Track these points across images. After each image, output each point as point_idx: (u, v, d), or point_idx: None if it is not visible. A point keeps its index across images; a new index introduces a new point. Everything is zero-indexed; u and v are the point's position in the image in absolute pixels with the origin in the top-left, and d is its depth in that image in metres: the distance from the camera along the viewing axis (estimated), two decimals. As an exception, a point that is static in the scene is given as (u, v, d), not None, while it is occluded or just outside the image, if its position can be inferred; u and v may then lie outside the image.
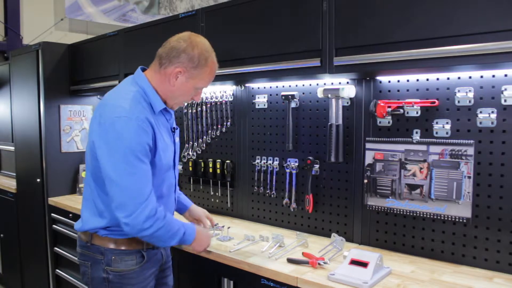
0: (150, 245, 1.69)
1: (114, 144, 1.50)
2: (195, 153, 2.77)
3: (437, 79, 1.78)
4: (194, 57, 1.61)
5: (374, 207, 1.96)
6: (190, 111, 2.76)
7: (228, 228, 2.22)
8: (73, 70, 3.30)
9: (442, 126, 1.77)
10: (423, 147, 1.81)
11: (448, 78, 1.76)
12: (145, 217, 1.50)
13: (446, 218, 1.76)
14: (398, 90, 1.89)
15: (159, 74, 1.65)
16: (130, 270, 1.65)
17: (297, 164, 2.24)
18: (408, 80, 1.86)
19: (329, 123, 2.03)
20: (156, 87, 1.65)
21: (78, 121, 3.37)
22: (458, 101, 1.73)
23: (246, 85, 2.47)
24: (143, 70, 1.71)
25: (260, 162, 2.41)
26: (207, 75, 1.66)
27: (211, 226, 2.11)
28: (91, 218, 1.66)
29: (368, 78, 1.96)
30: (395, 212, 1.90)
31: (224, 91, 2.58)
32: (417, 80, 1.83)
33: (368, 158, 1.96)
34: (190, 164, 2.76)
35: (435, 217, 1.79)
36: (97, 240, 1.65)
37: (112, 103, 1.58)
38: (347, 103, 2.04)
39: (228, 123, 2.59)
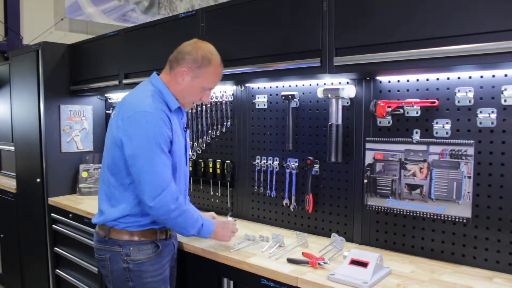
0: (162, 235, 1.84)
1: (138, 134, 1.67)
2: (195, 153, 2.77)
3: (437, 79, 1.78)
4: (198, 58, 1.79)
5: (374, 207, 1.96)
6: (190, 111, 2.76)
7: (232, 211, 2.19)
8: (73, 70, 3.30)
9: (442, 126, 1.77)
10: (423, 147, 1.81)
11: (448, 78, 1.76)
12: (169, 199, 1.67)
13: (446, 218, 1.76)
14: (398, 90, 1.89)
15: (169, 76, 1.84)
16: (148, 258, 1.79)
17: (297, 164, 2.24)
18: (408, 80, 1.86)
19: (329, 123, 2.03)
20: (170, 88, 1.83)
21: (78, 121, 3.36)
22: (458, 101, 1.73)
23: (246, 85, 2.47)
24: (158, 74, 1.89)
25: (260, 162, 2.41)
26: (211, 75, 1.83)
27: None
28: (109, 210, 1.80)
29: (368, 78, 1.96)
30: (395, 212, 1.90)
31: (224, 91, 2.58)
32: (417, 80, 1.83)
33: (368, 158, 1.96)
34: (190, 164, 2.76)
35: (435, 217, 1.79)
36: (114, 234, 1.79)
37: (132, 101, 1.76)
38: (347, 103, 2.04)
39: (228, 123, 2.59)
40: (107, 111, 3.50)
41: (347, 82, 2.04)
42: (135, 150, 1.68)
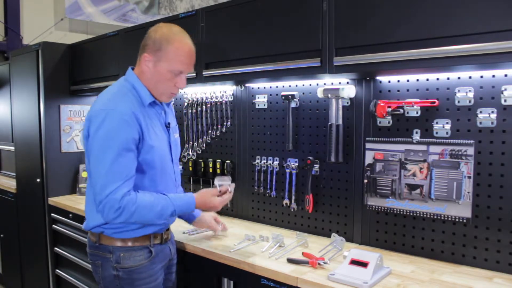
0: (157, 240, 1.76)
1: (95, 135, 1.57)
2: (195, 153, 2.77)
3: (437, 79, 1.78)
4: (156, 40, 1.66)
5: (374, 207, 1.96)
6: (190, 111, 2.76)
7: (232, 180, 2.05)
8: (73, 70, 3.30)
9: (442, 126, 1.77)
10: (423, 147, 1.81)
11: (448, 78, 1.76)
12: (110, 206, 1.54)
13: (446, 218, 1.76)
14: (398, 90, 1.89)
15: (139, 67, 1.74)
16: (139, 265, 1.70)
17: (297, 164, 2.24)
18: (408, 80, 1.86)
19: (329, 123, 2.03)
20: (143, 81, 1.72)
21: (78, 121, 3.37)
22: (458, 101, 1.73)
23: (246, 85, 2.47)
24: (133, 69, 1.79)
25: (260, 162, 2.41)
26: (175, 55, 1.65)
27: (224, 229, 2.17)
28: (93, 216, 1.70)
29: (368, 78, 1.96)
30: (395, 212, 1.90)
31: (224, 91, 2.58)
32: (417, 80, 1.83)
33: (368, 158, 1.96)
34: (190, 164, 2.76)
35: (435, 217, 1.79)
36: (104, 239, 1.71)
37: (100, 98, 1.67)
38: (347, 103, 2.04)
39: (228, 123, 2.59)
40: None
41: (347, 82, 2.04)
42: (90, 149, 1.59)
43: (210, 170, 2.65)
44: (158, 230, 1.76)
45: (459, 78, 1.73)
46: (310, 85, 2.19)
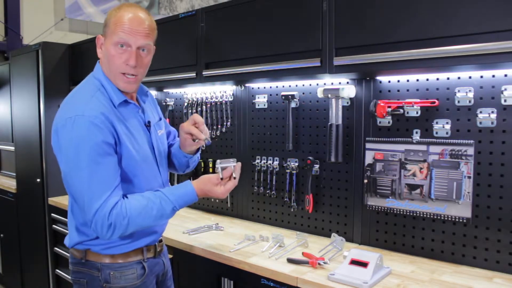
0: (150, 253, 1.58)
1: (66, 147, 1.38)
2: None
3: (437, 79, 1.78)
4: (105, 19, 1.49)
5: (374, 207, 1.96)
6: (190, 111, 2.76)
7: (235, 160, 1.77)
8: (73, 70, 3.31)
9: (442, 126, 1.77)
10: (423, 147, 1.81)
11: (448, 78, 1.76)
12: (101, 224, 1.36)
13: (446, 218, 1.76)
14: (398, 90, 1.89)
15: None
16: (132, 285, 1.51)
17: (297, 164, 2.24)
18: (408, 80, 1.86)
19: (329, 123, 2.03)
20: (106, 74, 1.52)
21: (78, 121, 3.36)
22: (458, 101, 1.73)
23: (246, 85, 2.47)
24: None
25: (260, 162, 2.41)
26: (115, 26, 1.44)
27: (204, 134, 1.67)
28: (74, 231, 1.53)
29: (368, 78, 1.96)
30: (395, 212, 1.90)
31: (224, 91, 2.58)
32: (417, 80, 1.83)
33: (368, 158, 1.96)
34: (190, 164, 2.76)
35: (435, 217, 1.79)
36: (91, 256, 1.50)
37: (66, 104, 1.47)
38: (347, 103, 2.04)
39: (228, 123, 2.59)
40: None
41: (347, 82, 2.04)
42: (64, 165, 1.41)
43: (210, 170, 2.65)
44: (150, 242, 1.59)
45: (459, 78, 1.73)
46: (310, 85, 2.19)
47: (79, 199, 1.39)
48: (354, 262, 1.59)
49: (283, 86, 2.32)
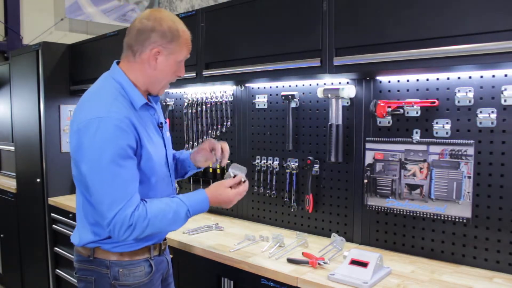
0: (156, 251, 1.61)
1: (88, 148, 1.38)
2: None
3: (437, 79, 1.78)
4: (166, 32, 1.49)
5: (374, 207, 1.96)
6: (190, 111, 2.76)
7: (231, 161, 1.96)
8: (73, 70, 3.31)
9: (442, 126, 1.77)
10: (423, 147, 1.81)
11: (448, 78, 1.76)
12: (121, 225, 1.38)
13: (446, 218, 1.76)
14: (398, 90, 1.89)
15: (135, 64, 1.53)
16: (140, 282, 1.53)
17: (297, 164, 2.24)
18: (408, 80, 1.86)
19: (329, 123, 2.03)
20: (135, 79, 1.53)
21: (78, 121, 3.36)
22: (458, 101, 1.73)
23: (246, 85, 2.47)
24: (118, 63, 1.59)
25: (260, 162, 2.41)
26: (184, 45, 1.54)
27: (223, 153, 1.79)
28: (87, 231, 1.53)
29: (368, 78, 1.96)
30: (395, 212, 1.90)
31: (224, 91, 2.58)
32: (417, 80, 1.83)
33: (368, 158, 1.96)
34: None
35: (435, 217, 1.79)
36: (100, 253, 1.52)
37: (87, 104, 1.47)
38: (347, 103, 2.04)
39: (228, 123, 2.59)
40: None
41: (347, 82, 2.04)
42: (85, 166, 1.40)
43: (210, 170, 2.65)
44: (157, 240, 1.62)
45: (459, 78, 1.73)
46: (310, 85, 2.19)
47: (98, 200, 1.40)
48: (354, 262, 1.59)
49: (283, 86, 2.32)
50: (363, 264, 1.57)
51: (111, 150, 1.37)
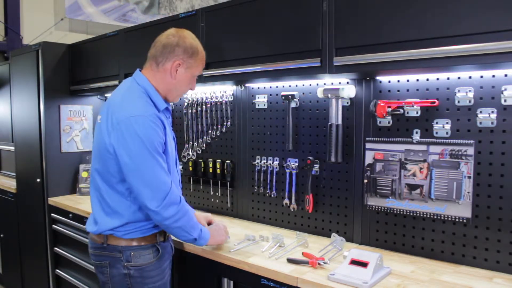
0: (161, 237, 1.81)
1: (133, 142, 1.60)
2: (195, 153, 2.77)
3: (437, 79, 1.78)
4: (188, 48, 1.75)
5: (374, 207, 1.96)
6: (190, 111, 2.76)
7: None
8: (73, 70, 3.30)
9: (442, 126, 1.77)
10: (423, 147, 1.81)
11: (448, 78, 1.76)
12: (170, 204, 1.64)
13: (446, 218, 1.76)
14: (398, 90, 1.89)
15: (158, 73, 1.76)
16: (149, 263, 1.75)
17: (297, 164, 2.24)
18: (408, 80, 1.86)
19: (329, 123, 2.03)
20: (157, 86, 1.76)
21: (78, 121, 3.37)
22: (458, 101, 1.73)
23: (246, 85, 2.47)
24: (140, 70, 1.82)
25: (260, 162, 2.41)
26: (200, 62, 1.82)
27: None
28: (106, 219, 1.73)
29: (368, 78, 1.96)
30: (395, 212, 1.90)
31: (224, 91, 2.58)
32: (417, 80, 1.83)
33: (368, 158, 1.96)
34: (190, 164, 2.76)
35: (435, 217, 1.79)
36: (112, 240, 1.73)
37: (122, 104, 1.68)
38: (347, 103, 2.04)
39: (228, 123, 2.59)
40: (107, 111, 3.50)
41: (347, 82, 2.04)
42: (131, 157, 1.61)
43: (210, 170, 2.65)
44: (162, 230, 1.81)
45: (459, 78, 1.73)
46: (310, 85, 2.19)
47: (145, 184, 1.62)
48: (354, 262, 1.59)
49: (283, 86, 2.32)
50: (363, 264, 1.57)
51: (151, 142, 1.61)
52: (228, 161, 2.57)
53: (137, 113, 1.62)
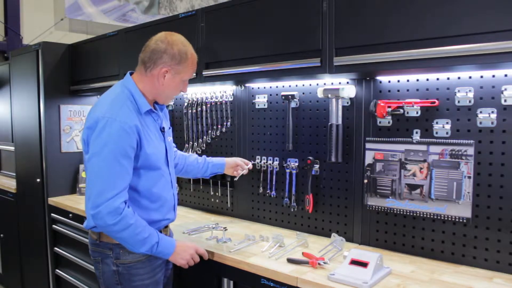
0: None
1: (94, 141, 1.63)
2: (195, 153, 2.76)
3: (437, 79, 1.78)
4: (175, 55, 1.74)
5: (374, 207, 1.96)
6: (190, 111, 2.76)
7: (225, 228, 2.14)
8: (73, 70, 3.30)
9: (442, 126, 1.77)
10: (423, 147, 1.81)
11: (448, 78, 1.76)
12: (108, 211, 1.60)
13: (446, 218, 1.76)
14: (398, 90, 1.89)
15: (146, 77, 1.77)
16: (138, 261, 1.75)
17: (297, 164, 2.24)
18: (408, 80, 1.86)
19: (329, 123, 2.03)
20: (143, 89, 1.78)
21: (78, 121, 3.37)
22: (458, 101, 1.73)
23: (246, 85, 2.47)
24: (131, 74, 1.84)
25: (260, 162, 2.41)
26: (190, 67, 1.81)
27: (248, 166, 2.32)
28: (89, 218, 1.74)
29: (368, 78, 1.96)
30: (395, 212, 1.90)
31: (224, 91, 2.58)
32: (417, 80, 1.83)
33: (368, 158, 1.96)
34: (190, 164, 2.76)
35: (435, 217, 1.79)
36: (104, 237, 1.75)
37: (99, 104, 1.72)
38: (347, 103, 2.04)
39: (228, 123, 2.59)
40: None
41: (347, 82, 2.04)
42: (89, 156, 1.65)
43: (210, 170, 2.65)
44: (157, 227, 1.80)
45: (459, 78, 1.73)
46: (310, 85, 2.19)
47: (92, 186, 1.64)
48: (354, 262, 1.59)
49: (283, 86, 2.32)
50: (363, 264, 1.57)
51: (112, 146, 1.60)
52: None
53: (107, 115, 1.63)
